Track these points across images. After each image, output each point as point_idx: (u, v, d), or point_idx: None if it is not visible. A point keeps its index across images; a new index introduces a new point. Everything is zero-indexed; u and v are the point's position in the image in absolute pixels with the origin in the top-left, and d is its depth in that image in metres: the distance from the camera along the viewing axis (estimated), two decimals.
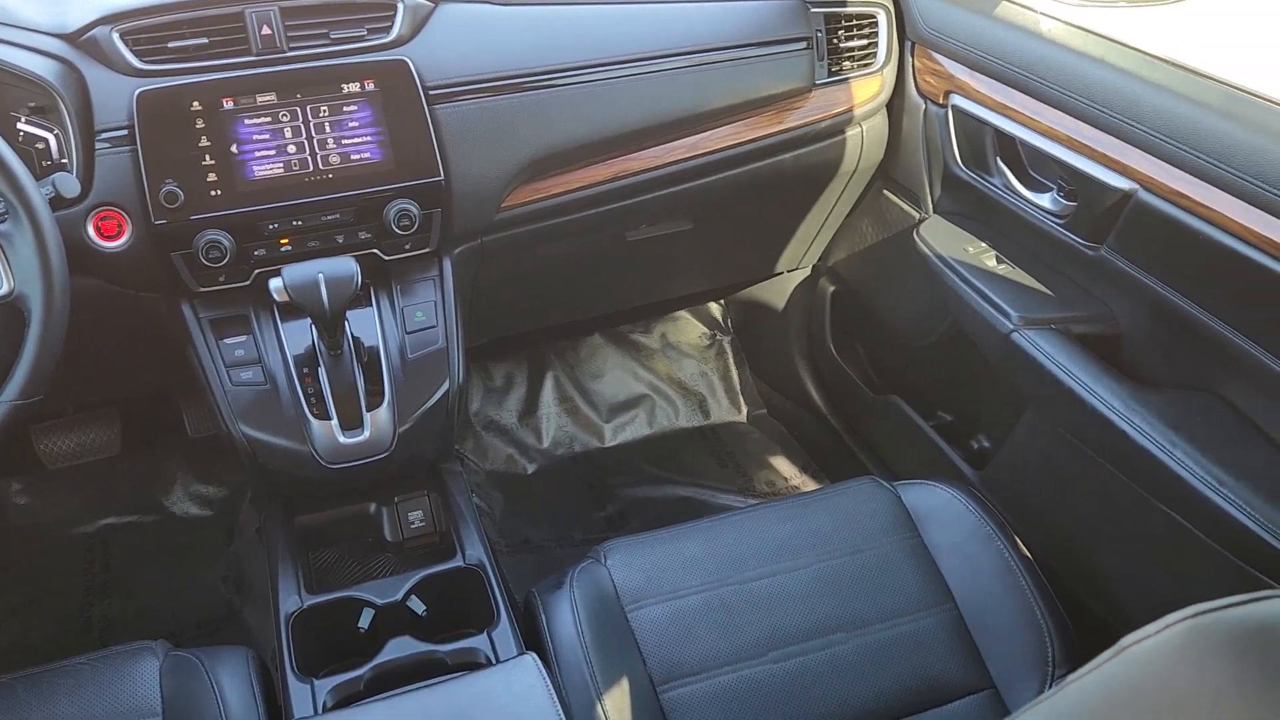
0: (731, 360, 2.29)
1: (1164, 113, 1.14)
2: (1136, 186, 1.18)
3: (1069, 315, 1.31)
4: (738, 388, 2.26)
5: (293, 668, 1.17)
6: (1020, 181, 1.41)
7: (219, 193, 1.22)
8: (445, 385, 1.33)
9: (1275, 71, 1.11)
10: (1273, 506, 1.03)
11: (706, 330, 2.31)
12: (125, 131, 1.20)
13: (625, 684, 1.09)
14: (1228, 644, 0.44)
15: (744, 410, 2.23)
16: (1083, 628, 1.18)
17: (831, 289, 1.94)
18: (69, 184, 1.13)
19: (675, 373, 2.25)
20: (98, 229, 1.20)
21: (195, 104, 1.21)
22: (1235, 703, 0.41)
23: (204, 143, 1.22)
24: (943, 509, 1.27)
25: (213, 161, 1.22)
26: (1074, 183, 1.29)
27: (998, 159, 1.43)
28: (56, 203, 1.13)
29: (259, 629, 1.69)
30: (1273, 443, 1.11)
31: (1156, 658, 0.46)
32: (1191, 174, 1.11)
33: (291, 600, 1.25)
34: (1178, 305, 1.16)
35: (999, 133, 1.40)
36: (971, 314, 1.39)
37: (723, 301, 2.31)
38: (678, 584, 1.18)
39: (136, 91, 1.20)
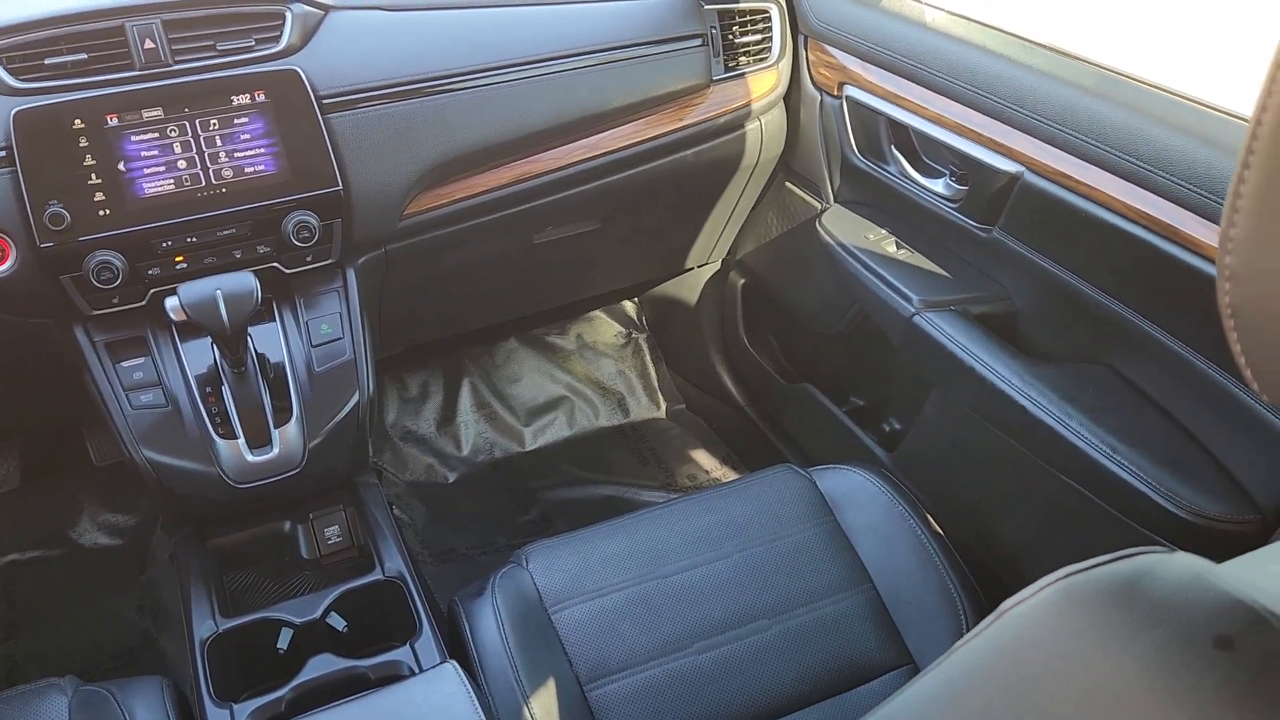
0: (648, 357, 2.29)
1: (1044, 96, 1.18)
2: (1022, 169, 1.22)
3: (967, 296, 1.35)
4: (655, 384, 2.27)
5: (210, 693, 1.14)
6: (914, 168, 1.44)
7: (107, 212, 1.18)
8: (355, 397, 1.31)
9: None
10: (1163, 470, 1.07)
11: (622, 329, 2.32)
12: (3, 153, 1.16)
13: (552, 685, 1.09)
14: (1096, 601, 0.46)
15: (663, 406, 2.25)
16: (994, 599, 1.21)
17: (741, 282, 1.96)
18: None
19: (593, 373, 2.25)
20: None
21: (77, 122, 1.18)
22: (1101, 655, 0.44)
23: (89, 161, 1.18)
24: (857, 492, 1.29)
25: (99, 180, 1.18)
26: (964, 167, 1.33)
27: (892, 147, 1.46)
28: None
29: (178, 657, 1.64)
30: (1161, 410, 1.16)
31: (1032, 618, 0.48)
32: (1073, 154, 1.15)
33: (206, 625, 1.22)
34: (1067, 281, 1.21)
35: (892, 121, 1.43)
36: (875, 300, 1.42)
37: (637, 300, 2.31)
38: (600, 583, 1.18)
39: (13, 111, 1.16)
